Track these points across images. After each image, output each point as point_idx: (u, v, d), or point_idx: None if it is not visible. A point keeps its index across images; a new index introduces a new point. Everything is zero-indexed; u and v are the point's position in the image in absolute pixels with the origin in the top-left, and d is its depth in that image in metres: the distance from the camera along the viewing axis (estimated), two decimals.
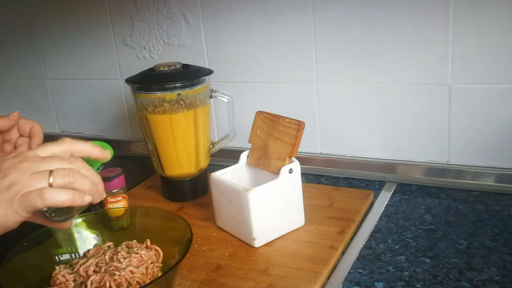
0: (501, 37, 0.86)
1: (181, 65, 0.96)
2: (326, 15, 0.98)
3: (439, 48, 0.91)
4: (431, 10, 0.89)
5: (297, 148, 0.80)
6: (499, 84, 0.89)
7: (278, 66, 1.07)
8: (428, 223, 0.83)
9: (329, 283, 0.70)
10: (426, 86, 0.94)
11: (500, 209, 0.86)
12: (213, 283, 0.71)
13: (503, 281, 0.66)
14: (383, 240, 0.79)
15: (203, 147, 0.97)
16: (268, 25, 1.05)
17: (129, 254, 0.69)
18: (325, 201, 0.92)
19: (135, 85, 0.93)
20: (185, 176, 0.97)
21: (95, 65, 1.31)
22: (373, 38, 0.96)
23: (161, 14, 1.16)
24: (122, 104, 1.32)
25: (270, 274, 0.72)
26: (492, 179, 0.92)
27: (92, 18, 1.26)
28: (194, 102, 0.93)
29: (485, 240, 0.76)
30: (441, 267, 0.71)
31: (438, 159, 0.98)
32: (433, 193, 0.94)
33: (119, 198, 0.86)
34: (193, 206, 0.96)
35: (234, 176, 0.86)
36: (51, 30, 1.35)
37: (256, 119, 0.87)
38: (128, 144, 1.35)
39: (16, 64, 1.46)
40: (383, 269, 0.71)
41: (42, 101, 1.45)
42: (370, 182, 1.01)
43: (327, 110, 1.05)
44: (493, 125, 0.91)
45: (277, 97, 1.09)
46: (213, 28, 1.11)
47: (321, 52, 1.01)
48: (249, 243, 0.79)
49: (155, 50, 1.20)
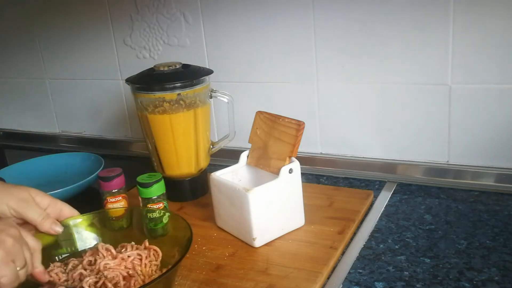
0: (501, 37, 0.86)
1: (181, 65, 0.96)
2: (326, 15, 0.98)
3: (439, 48, 0.91)
4: (431, 10, 0.89)
5: (297, 148, 0.80)
6: (499, 84, 0.89)
7: (278, 66, 1.07)
8: (428, 223, 0.83)
9: (329, 283, 0.70)
10: (426, 86, 0.94)
11: (500, 209, 0.86)
12: (213, 283, 0.71)
13: (503, 281, 0.66)
14: (383, 240, 0.79)
15: (203, 147, 0.97)
16: (268, 25, 1.05)
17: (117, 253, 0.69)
18: (325, 201, 0.92)
19: (135, 85, 0.93)
20: (185, 176, 0.97)
21: (95, 65, 1.31)
22: (373, 38, 0.96)
23: (161, 14, 1.16)
24: (122, 104, 1.32)
25: (270, 274, 0.72)
26: (492, 179, 0.92)
27: (92, 18, 1.26)
28: (194, 102, 0.93)
29: (485, 240, 0.76)
30: (441, 267, 0.71)
31: (438, 159, 0.98)
32: (433, 193, 0.94)
33: (119, 198, 0.86)
34: (193, 206, 0.96)
35: (234, 176, 0.86)
36: (51, 30, 1.35)
37: (256, 119, 0.87)
38: (128, 144, 1.35)
39: (16, 64, 1.46)
40: (383, 269, 0.71)
41: (42, 101, 1.45)
42: (370, 182, 1.01)
43: (327, 110, 1.05)
44: (493, 125, 0.91)
45: (277, 97, 1.09)
46: (213, 28, 1.11)
47: (321, 52, 1.01)
48: (249, 243, 0.79)
49: (155, 50, 1.21)
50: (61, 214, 0.71)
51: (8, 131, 1.56)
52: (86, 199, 1.02)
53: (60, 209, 0.71)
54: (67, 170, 1.17)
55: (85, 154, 1.19)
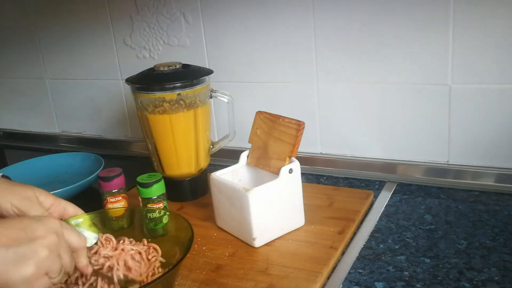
0: (501, 37, 0.86)
1: (181, 65, 0.96)
2: (326, 15, 0.98)
3: (439, 48, 0.91)
4: (431, 10, 0.89)
5: (297, 148, 0.80)
6: (499, 84, 0.89)
7: (278, 66, 1.07)
8: (428, 223, 0.83)
9: (329, 283, 0.70)
10: (426, 86, 0.94)
11: (500, 209, 0.86)
12: (213, 283, 0.71)
13: (503, 281, 0.66)
14: (383, 240, 0.79)
15: (203, 147, 0.97)
16: (268, 25, 1.05)
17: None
18: (325, 201, 0.92)
19: (135, 85, 0.93)
20: (185, 176, 0.97)
21: (95, 65, 1.31)
22: (373, 38, 0.96)
23: (161, 14, 1.16)
24: (122, 104, 1.32)
25: (270, 274, 0.72)
26: (492, 179, 0.92)
27: (92, 18, 1.26)
28: (194, 102, 0.93)
29: (485, 240, 0.76)
30: (441, 267, 0.71)
31: (438, 159, 0.98)
32: (433, 193, 0.94)
33: (119, 198, 0.86)
34: (193, 206, 0.96)
35: (234, 176, 0.86)
36: (51, 30, 1.35)
37: (256, 119, 0.87)
38: (128, 144, 1.35)
39: (16, 64, 1.46)
40: (383, 269, 0.71)
41: (42, 101, 1.45)
42: (370, 182, 1.01)
43: (327, 110, 1.05)
44: (493, 125, 0.91)
45: (277, 97, 1.09)
46: (213, 28, 1.11)
47: (321, 52, 1.01)
48: (249, 243, 0.79)
49: (155, 50, 1.21)
50: (64, 213, 0.71)
51: (8, 131, 1.56)
52: (86, 199, 1.01)
53: (64, 208, 0.70)
54: (67, 170, 1.17)
55: (85, 154, 1.19)
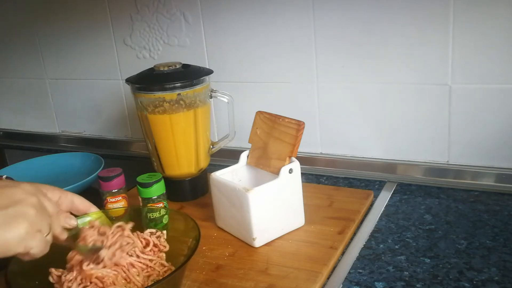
0: (501, 37, 0.86)
1: (181, 65, 0.96)
2: (326, 15, 0.98)
3: (439, 48, 0.91)
4: (431, 10, 0.89)
5: (297, 148, 0.80)
6: (499, 84, 0.89)
7: (278, 66, 1.07)
8: (428, 223, 0.83)
9: (329, 283, 0.70)
10: (426, 86, 0.94)
11: (500, 209, 0.86)
12: (213, 283, 0.71)
13: (503, 281, 0.66)
14: (383, 240, 0.79)
15: (203, 147, 0.97)
16: (268, 25, 1.05)
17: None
18: (325, 201, 0.92)
19: (135, 85, 0.93)
20: (185, 176, 0.97)
21: (95, 65, 1.31)
22: (373, 38, 0.96)
23: (161, 14, 1.16)
24: (122, 104, 1.32)
25: (270, 274, 0.72)
26: (492, 179, 0.92)
27: (92, 18, 1.26)
28: (194, 102, 0.93)
29: (485, 240, 0.76)
30: (441, 267, 0.71)
31: (438, 159, 0.98)
32: (433, 193, 0.94)
33: (119, 198, 0.86)
34: (193, 206, 0.96)
35: (234, 176, 0.86)
36: (51, 30, 1.35)
37: (256, 119, 0.87)
38: (128, 144, 1.35)
39: (16, 64, 1.46)
40: (383, 269, 0.71)
41: (42, 101, 1.45)
42: (370, 182, 1.01)
43: (327, 110, 1.05)
44: (493, 125, 0.91)
45: (277, 97, 1.09)
46: (213, 28, 1.11)
47: (321, 52, 1.01)
48: (249, 243, 0.79)
49: (155, 50, 1.21)
50: (73, 205, 0.71)
51: (8, 131, 1.56)
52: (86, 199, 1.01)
53: (71, 201, 0.70)
54: (67, 170, 1.17)
55: (85, 154, 1.19)
